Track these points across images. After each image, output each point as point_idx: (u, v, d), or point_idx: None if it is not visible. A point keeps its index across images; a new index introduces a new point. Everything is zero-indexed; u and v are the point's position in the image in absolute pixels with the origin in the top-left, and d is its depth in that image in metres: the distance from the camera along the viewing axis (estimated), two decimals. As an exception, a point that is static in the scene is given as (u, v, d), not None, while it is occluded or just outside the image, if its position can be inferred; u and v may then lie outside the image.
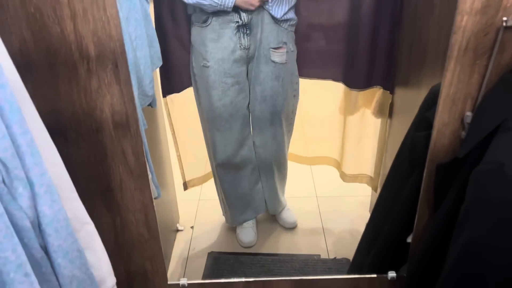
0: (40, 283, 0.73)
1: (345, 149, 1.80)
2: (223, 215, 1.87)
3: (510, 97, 0.84)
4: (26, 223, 0.68)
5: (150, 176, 1.22)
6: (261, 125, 1.62)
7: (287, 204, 1.96)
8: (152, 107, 1.46)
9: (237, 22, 1.38)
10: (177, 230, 1.92)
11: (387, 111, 1.60)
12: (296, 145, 1.83)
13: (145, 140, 1.20)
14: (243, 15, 1.37)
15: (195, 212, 2.03)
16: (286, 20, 1.45)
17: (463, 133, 0.97)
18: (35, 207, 0.70)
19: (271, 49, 1.45)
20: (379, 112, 1.64)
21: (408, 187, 1.14)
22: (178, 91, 1.58)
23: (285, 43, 1.47)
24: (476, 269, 0.87)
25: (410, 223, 1.16)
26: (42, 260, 0.73)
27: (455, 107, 0.95)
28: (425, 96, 1.12)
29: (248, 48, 1.43)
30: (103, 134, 0.97)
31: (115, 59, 0.88)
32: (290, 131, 1.69)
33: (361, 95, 1.63)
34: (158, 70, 1.51)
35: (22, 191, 0.67)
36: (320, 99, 1.74)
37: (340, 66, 1.61)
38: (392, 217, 1.21)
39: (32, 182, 0.68)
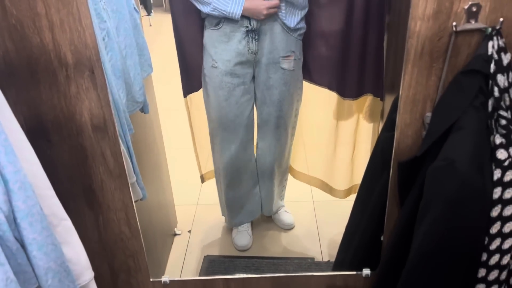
0: (16, 273, 0.79)
1: (336, 164, 1.81)
2: (222, 215, 1.92)
3: (461, 97, 0.89)
4: (0, 217, 0.74)
5: (134, 178, 1.28)
6: (267, 128, 1.68)
7: (284, 205, 2.00)
8: (144, 112, 1.52)
9: (247, 27, 1.45)
10: (175, 234, 1.96)
11: (378, 118, 1.65)
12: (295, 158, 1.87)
13: (129, 143, 1.27)
14: (253, 21, 1.44)
15: (192, 217, 2.07)
16: (297, 29, 1.52)
17: (424, 133, 1.01)
18: (9, 202, 0.76)
19: (281, 57, 1.52)
20: (370, 118, 1.68)
21: (379, 186, 1.18)
22: (197, 89, 1.66)
23: (293, 51, 1.54)
24: (434, 258, 0.92)
25: (383, 221, 1.19)
26: (18, 252, 0.79)
27: (416, 108, 0.99)
28: (394, 98, 1.17)
29: (256, 53, 1.50)
30: (83, 137, 1.03)
31: (91, 66, 0.95)
32: (293, 134, 1.74)
33: (356, 103, 1.66)
34: (172, 73, 1.60)
35: (-4, 187, 0.73)
36: (314, 109, 1.77)
37: (334, 77, 1.66)
38: (366, 216, 1.25)
39: (6, 179, 0.74)
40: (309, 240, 1.90)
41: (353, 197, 1.89)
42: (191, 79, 1.65)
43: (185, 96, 1.67)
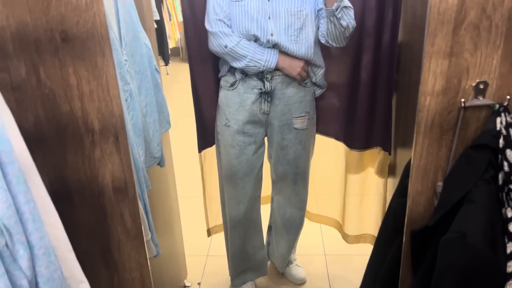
0: (34, 338, 0.80)
1: (347, 209, 1.84)
2: (230, 275, 1.91)
3: (472, 171, 0.91)
4: (23, 282, 0.77)
5: (149, 236, 1.30)
6: (283, 184, 1.72)
7: (296, 259, 1.99)
8: (160, 166, 1.57)
9: (260, 89, 1.51)
10: (185, 287, 1.96)
11: (386, 171, 1.67)
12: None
13: (146, 200, 1.30)
14: (267, 84, 1.51)
15: (202, 268, 2.07)
16: (318, 88, 1.60)
17: (436, 202, 1.03)
18: (33, 267, 0.79)
19: (294, 118, 1.57)
20: (380, 172, 1.71)
21: (392, 251, 1.19)
22: (211, 145, 1.73)
23: (308, 112, 1.59)
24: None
25: (396, 286, 1.19)
26: (37, 316, 0.81)
27: (427, 177, 1.02)
28: (405, 165, 1.19)
29: (268, 114, 1.55)
30: (104, 198, 1.07)
31: (116, 133, 1.00)
32: (307, 186, 1.77)
33: (365, 155, 1.71)
34: (187, 121, 1.67)
35: (22, 253, 0.76)
36: (323, 156, 1.81)
37: (341, 128, 1.72)
38: (379, 280, 1.25)
39: (32, 245, 0.78)
40: (320, 296, 1.86)
41: (365, 251, 1.91)
42: (206, 135, 1.71)
43: (200, 151, 1.73)
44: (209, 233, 1.92)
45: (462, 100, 0.93)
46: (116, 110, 0.98)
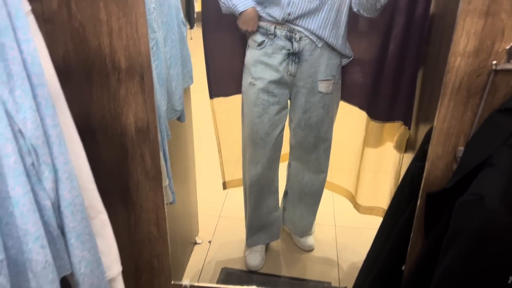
0: (53, 258, 0.84)
1: (361, 180, 1.84)
2: (246, 235, 1.93)
3: (495, 135, 0.90)
4: (47, 203, 0.80)
5: (167, 182, 1.33)
6: (302, 150, 1.73)
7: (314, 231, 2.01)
8: (180, 121, 1.59)
9: (288, 50, 1.50)
10: (195, 243, 2.00)
11: (403, 146, 1.66)
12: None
13: (166, 148, 1.32)
14: (295, 44, 1.49)
15: (214, 228, 2.11)
16: (344, 55, 1.58)
17: (455, 166, 1.02)
18: (56, 190, 0.81)
19: (319, 81, 1.56)
20: (398, 147, 1.70)
21: (405, 216, 1.19)
22: (226, 95, 1.72)
23: (334, 75, 1.58)
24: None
25: (406, 251, 1.20)
26: (58, 238, 0.85)
27: (449, 141, 1.01)
28: (428, 130, 1.18)
29: (294, 75, 1.55)
30: (126, 138, 1.09)
31: (142, 72, 1.01)
32: (328, 151, 1.76)
33: (385, 129, 1.69)
34: (200, 77, 1.66)
35: (47, 175, 0.79)
36: (343, 125, 1.80)
37: (365, 97, 1.70)
38: (389, 244, 1.26)
39: (57, 168, 0.80)
40: (327, 265, 1.89)
41: (375, 225, 1.92)
42: (219, 82, 1.70)
43: (211, 97, 1.73)
44: (224, 186, 1.94)
45: (494, 62, 0.90)
46: (143, 50, 0.99)
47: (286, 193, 1.94)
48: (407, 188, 1.22)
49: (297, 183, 1.82)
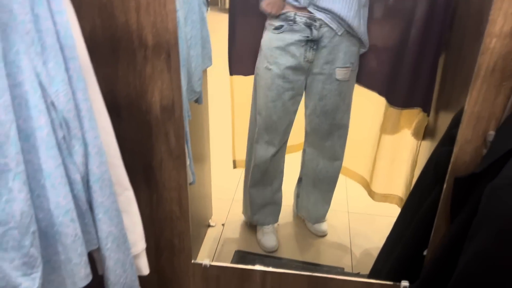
0: (83, 232, 0.85)
1: (376, 167, 1.82)
2: (242, 213, 1.97)
3: (530, 119, 0.88)
4: (77, 177, 0.80)
5: (188, 162, 1.33)
6: (317, 137, 1.72)
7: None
8: (198, 103, 1.58)
9: (307, 37, 1.48)
10: (209, 226, 2.01)
11: (421, 133, 1.64)
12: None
13: (187, 127, 1.32)
14: (314, 32, 1.47)
15: (227, 211, 2.12)
16: (362, 44, 1.55)
17: (485, 151, 1.00)
18: (86, 165, 0.82)
19: (337, 68, 1.54)
20: (416, 134, 1.68)
21: (429, 201, 1.18)
22: (245, 74, 1.71)
23: (352, 63, 1.56)
24: (481, 279, 0.90)
25: (428, 236, 1.19)
26: (86, 212, 0.85)
27: (479, 125, 0.99)
28: (455, 114, 1.16)
29: (311, 62, 1.53)
30: (151, 116, 1.09)
31: (168, 50, 1.00)
32: (343, 138, 1.76)
33: (403, 115, 1.67)
34: (221, 69, 1.66)
35: (77, 149, 0.79)
36: (360, 111, 1.79)
37: (384, 83, 1.68)
38: (412, 228, 1.25)
39: (87, 142, 0.80)
40: (340, 251, 1.90)
41: (389, 213, 1.91)
42: (239, 61, 1.70)
43: (231, 74, 1.72)
44: (234, 164, 1.95)
45: (531, 44, 0.88)
46: (171, 26, 0.98)
47: (300, 180, 1.93)
48: (431, 173, 1.20)
49: (311, 169, 1.82)
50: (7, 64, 0.65)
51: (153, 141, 1.12)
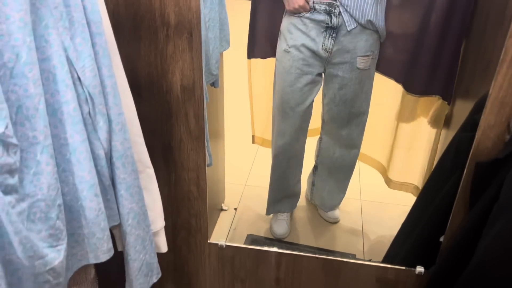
0: (105, 208, 0.86)
1: (394, 155, 1.81)
2: (267, 203, 1.93)
3: (557, 104, 0.86)
4: (101, 152, 0.81)
5: (206, 143, 1.34)
6: (334, 126, 1.70)
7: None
8: (214, 87, 1.58)
9: (327, 24, 1.46)
10: (221, 209, 2.03)
11: (442, 122, 1.62)
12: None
13: (205, 110, 1.32)
14: (334, 19, 1.45)
15: (240, 196, 2.12)
16: (377, 30, 1.52)
17: (508, 137, 0.99)
18: (109, 141, 0.83)
19: (358, 57, 1.52)
20: (435, 122, 1.66)
21: (448, 187, 1.17)
22: (263, 58, 1.71)
23: (373, 51, 1.54)
24: (501, 266, 0.90)
25: (445, 222, 1.18)
26: (109, 188, 0.86)
27: (503, 110, 0.98)
28: (478, 99, 1.14)
29: (330, 51, 1.51)
30: (171, 95, 1.09)
31: (190, 29, 1.00)
32: (361, 126, 1.74)
33: (420, 103, 1.65)
34: (235, 52, 1.65)
35: (102, 125, 0.79)
36: (378, 97, 1.77)
37: (402, 70, 1.65)
38: (429, 214, 1.24)
39: (111, 119, 0.81)
40: (352, 237, 1.90)
41: (403, 201, 1.90)
42: (258, 44, 1.69)
43: (249, 58, 1.73)
44: (253, 139, 1.96)
45: (561, 28, 0.86)
46: (194, 5, 0.98)
47: (315, 168, 1.92)
48: (451, 159, 1.19)
49: (328, 157, 1.81)
50: (36, 38, 0.66)
51: (172, 121, 1.13)
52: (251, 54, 1.72)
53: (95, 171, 0.80)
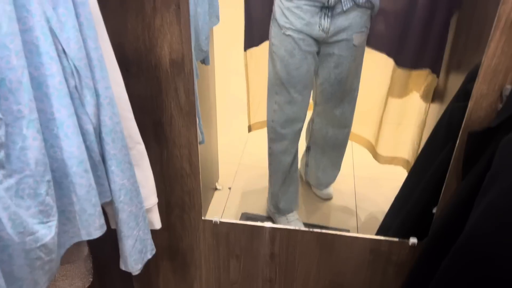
0: (96, 184, 0.85)
1: (382, 130, 1.81)
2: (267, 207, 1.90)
3: (550, 71, 0.85)
4: (89, 127, 0.79)
5: (197, 121, 1.32)
6: (328, 106, 1.69)
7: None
8: (205, 64, 1.55)
9: (323, 3, 1.43)
10: (215, 189, 2.02)
11: (430, 95, 1.61)
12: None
13: (196, 87, 1.30)
14: None
15: (234, 175, 2.12)
16: (372, 7, 1.50)
17: (500, 106, 0.99)
18: (98, 116, 0.81)
19: (355, 33, 1.50)
20: (425, 97, 1.65)
21: (440, 158, 1.17)
22: (257, 44, 1.69)
23: (367, 27, 1.52)
24: (493, 236, 0.91)
25: (438, 193, 1.18)
26: (99, 164, 0.85)
27: (496, 79, 0.97)
28: (471, 69, 1.13)
29: (327, 31, 1.48)
30: (160, 70, 1.07)
31: (178, 1, 0.97)
32: (353, 103, 1.73)
33: (411, 78, 1.64)
34: (229, 28, 1.63)
35: (89, 99, 0.78)
36: (368, 73, 1.76)
37: (393, 43, 1.63)
38: (421, 185, 1.25)
39: (98, 93, 0.79)
40: (346, 214, 1.90)
41: (395, 176, 1.90)
42: (253, 33, 1.67)
43: (245, 49, 1.70)
44: (249, 129, 1.94)
45: (555, -8, 0.85)
46: (180, -24, 0.95)
47: (308, 149, 1.92)
48: (443, 129, 1.19)
49: (321, 137, 1.80)
50: (17, 7, 0.63)
51: (162, 97, 1.11)
52: (248, 45, 1.69)
53: (84, 146, 0.78)
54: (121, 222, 0.93)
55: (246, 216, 1.89)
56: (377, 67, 1.71)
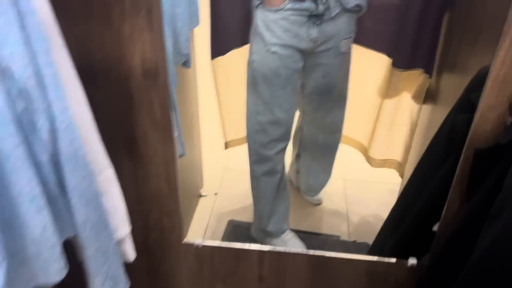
0: (54, 220, 0.73)
1: (375, 132, 1.76)
2: (252, 231, 1.76)
3: None
4: (44, 157, 0.68)
5: (176, 133, 1.21)
6: (318, 115, 1.61)
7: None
8: (185, 67, 1.45)
9: (311, 12, 1.31)
10: (200, 196, 1.93)
11: (423, 96, 1.56)
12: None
13: (174, 95, 1.19)
14: (320, 6, 1.31)
15: (220, 180, 2.04)
16: (359, 10, 1.42)
17: (510, 119, 0.90)
18: (54, 142, 0.69)
19: (343, 40, 1.42)
20: (417, 98, 1.60)
21: (442, 173, 1.08)
22: (223, 53, 1.60)
23: (353, 31, 1.45)
24: (508, 262, 0.82)
25: (439, 210, 1.10)
26: (58, 197, 0.73)
27: (504, 89, 0.88)
28: (472, 78, 1.05)
29: (316, 41, 1.37)
30: (131, 82, 0.96)
31: (149, 4, 0.86)
32: (343, 108, 1.65)
33: (403, 78, 1.59)
34: (203, 32, 1.54)
35: (43, 123, 0.66)
36: (359, 75, 1.68)
37: (387, 42, 1.59)
38: (420, 202, 1.16)
39: (54, 116, 0.67)
40: (336, 218, 1.86)
41: (386, 179, 1.85)
42: (220, 41, 1.57)
43: (213, 58, 1.60)
44: (226, 146, 1.86)
45: None
46: (151, -24, 0.83)
47: (298, 156, 1.85)
48: (444, 141, 1.10)
49: (311, 144, 1.73)
50: None
51: (135, 111, 0.99)
52: (215, 53, 1.59)
53: (37, 180, 0.66)
54: (88, 259, 0.81)
55: (233, 224, 1.81)
56: (368, 67, 1.66)
